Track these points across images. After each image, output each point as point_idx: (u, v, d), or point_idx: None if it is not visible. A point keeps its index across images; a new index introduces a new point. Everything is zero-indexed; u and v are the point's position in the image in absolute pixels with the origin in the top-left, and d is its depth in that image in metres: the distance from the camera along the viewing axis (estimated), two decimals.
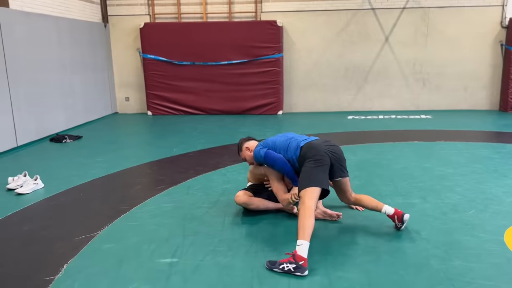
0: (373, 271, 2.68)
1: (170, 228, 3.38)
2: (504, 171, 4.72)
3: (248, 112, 9.20)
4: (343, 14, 9.04)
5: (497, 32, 8.94)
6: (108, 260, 2.89)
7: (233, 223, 3.48)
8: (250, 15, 9.23)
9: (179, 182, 4.55)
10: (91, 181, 4.70)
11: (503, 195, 3.98)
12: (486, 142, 6.32)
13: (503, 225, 3.32)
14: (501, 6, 8.82)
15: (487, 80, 9.19)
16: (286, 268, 2.64)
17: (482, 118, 8.38)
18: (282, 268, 2.65)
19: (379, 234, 3.21)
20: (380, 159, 5.35)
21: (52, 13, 7.25)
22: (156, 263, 2.84)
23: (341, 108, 9.45)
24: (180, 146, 6.25)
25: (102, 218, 3.61)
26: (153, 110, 9.38)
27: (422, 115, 8.76)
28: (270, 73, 9.00)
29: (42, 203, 4.06)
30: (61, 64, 7.49)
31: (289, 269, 2.64)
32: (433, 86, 9.27)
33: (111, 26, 9.37)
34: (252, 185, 3.78)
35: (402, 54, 9.14)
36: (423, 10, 8.93)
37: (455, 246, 3.00)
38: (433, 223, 3.39)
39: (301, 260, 2.65)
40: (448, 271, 2.67)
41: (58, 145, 6.60)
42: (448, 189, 4.19)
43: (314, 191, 2.95)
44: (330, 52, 9.23)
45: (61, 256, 2.95)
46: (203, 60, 9.03)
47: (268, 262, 2.73)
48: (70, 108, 7.79)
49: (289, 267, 2.64)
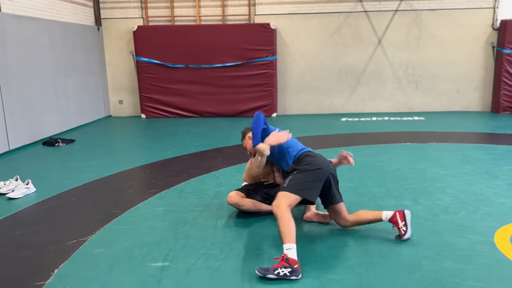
0: (364, 274, 2.69)
1: (162, 232, 3.38)
2: (495, 172, 4.76)
3: (242, 114, 9.20)
4: (336, 17, 9.09)
5: (489, 34, 9.02)
6: (99, 265, 2.88)
7: (226, 226, 3.48)
8: (243, 18, 9.25)
9: (172, 186, 4.54)
10: (83, 185, 4.68)
11: (494, 196, 4.01)
12: (478, 144, 6.37)
13: (493, 226, 3.34)
14: (492, 9, 8.91)
15: (479, 82, 9.27)
16: (282, 273, 2.59)
17: (474, 119, 8.44)
18: (278, 273, 2.59)
19: (370, 236, 3.22)
20: (373, 161, 5.38)
21: (44, 16, 7.23)
22: (147, 267, 2.83)
23: (335, 110, 9.49)
24: (173, 149, 6.24)
25: (94, 222, 3.59)
26: (147, 113, 9.36)
27: (415, 116, 8.81)
28: (264, 75, 9.02)
29: (33, 208, 4.04)
30: (54, 67, 7.47)
31: (285, 274, 2.60)
32: (426, 88, 9.32)
33: (104, 29, 9.35)
34: (247, 185, 3.78)
35: (395, 57, 9.20)
36: (415, 12, 8.99)
37: (446, 248, 3.01)
38: (425, 225, 3.41)
39: (295, 263, 2.64)
40: (439, 273, 2.68)
41: (50, 149, 6.57)
42: (440, 190, 4.22)
43: (297, 199, 2.94)
44: (323, 54, 9.27)
45: (52, 261, 2.94)
46: (197, 62, 9.03)
47: (259, 269, 2.64)
48: (63, 111, 7.76)
49: (285, 271, 2.60)
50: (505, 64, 8.81)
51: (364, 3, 9.01)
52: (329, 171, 3.09)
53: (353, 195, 4.14)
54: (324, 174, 3.05)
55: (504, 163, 5.13)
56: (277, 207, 2.85)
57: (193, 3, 9.23)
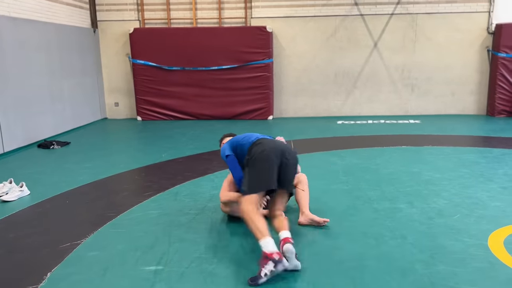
0: (358, 277, 2.69)
1: (156, 235, 3.36)
2: (490, 176, 4.78)
3: (238, 117, 9.20)
4: (332, 20, 9.11)
5: (484, 38, 9.07)
6: (93, 268, 2.87)
7: (220, 229, 3.47)
8: (240, 20, 9.26)
9: (167, 188, 4.53)
10: (78, 187, 4.66)
11: (488, 200, 4.02)
12: (473, 147, 6.39)
13: (487, 229, 3.35)
14: (488, 13, 8.96)
15: (475, 86, 9.31)
16: (268, 273, 2.56)
17: (469, 123, 8.48)
18: (265, 274, 2.56)
19: (364, 240, 3.22)
20: (368, 164, 5.38)
21: (40, 18, 7.21)
22: (141, 271, 2.82)
23: (331, 113, 9.50)
24: (169, 152, 6.23)
25: (88, 225, 3.58)
26: (143, 116, 9.35)
27: (411, 120, 8.83)
28: (260, 78, 9.03)
29: (27, 211, 4.02)
30: (49, 69, 7.45)
31: (271, 271, 2.55)
32: (422, 91, 9.36)
33: (100, 31, 9.34)
34: None
35: (391, 60, 9.23)
36: (411, 16, 9.03)
37: (440, 251, 3.02)
38: (419, 228, 3.41)
39: (272, 255, 2.58)
40: (433, 276, 2.68)
41: (45, 151, 6.54)
42: (435, 193, 4.23)
43: (256, 196, 2.93)
44: (319, 57, 9.29)
45: (45, 264, 2.92)
46: (193, 65, 9.03)
47: (250, 280, 2.59)
48: (59, 114, 7.73)
49: (269, 268, 2.55)
50: (500, 68, 8.86)
51: (360, 6, 9.04)
52: (274, 153, 3.01)
53: (348, 198, 4.14)
54: (269, 157, 2.99)
55: (499, 167, 5.15)
56: (242, 212, 2.91)
57: (190, 5, 9.24)
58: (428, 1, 8.97)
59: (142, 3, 9.22)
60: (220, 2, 9.16)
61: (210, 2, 9.21)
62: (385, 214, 3.71)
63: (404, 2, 9.00)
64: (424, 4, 8.98)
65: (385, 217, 3.63)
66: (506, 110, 9.03)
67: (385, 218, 3.61)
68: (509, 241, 3.14)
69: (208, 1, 9.20)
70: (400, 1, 8.98)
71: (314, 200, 3.84)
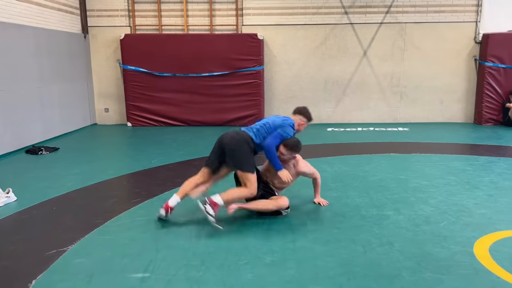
0: (345, 284, 2.70)
1: (143, 242, 3.34)
2: (476, 183, 4.84)
3: (229, 123, 9.20)
4: (322, 29, 9.20)
5: (471, 47, 9.22)
6: (78, 276, 2.84)
7: (208, 236, 3.46)
8: (231, 28, 9.30)
9: (155, 195, 4.51)
10: (66, 193, 4.62)
11: (474, 207, 4.07)
12: (460, 155, 6.47)
13: (472, 236, 3.39)
14: (475, 22, 9.12)
15: (462, 94, 9.44)
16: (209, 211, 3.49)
17: (457, 130, 8.58)
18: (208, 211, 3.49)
19: (352, 247, 3.24)
20: (357, 171, 5.42)
21: (29, 23, 7.17)
22: (127, 278, 2.80)
23: (321, 120, 9.55)
24: (159, 158, 6.21)
25: (74, 232, 3.55)
26: (133, 122, 9.31)
27: (400, 127, 8.92)
28: (251, 85, 9.06)
29: (13, 217, 3.97)
30: (39, 74, 7.40)
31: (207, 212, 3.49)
32: (410, 99, 9.46)
33: (91, 37, 9.31)
34: None
35: (380, 68, 9.33)
36: (400, 25, 9.15)
37: (427, 258, 3.05)
38: (406, 235, 3.44)
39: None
40: (419, 283, 2.71)
41: (34, 157, 6.48)
42: (422, 201, 4.27)
43: None
44: (309, 65, 9.36)
45: (30, 272, 2.89)
46: (184, 71, 9.03)
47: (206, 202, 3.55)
48: (47, 119, 7.67)
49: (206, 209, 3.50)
50: (487, 77, 9.00)
51: (350, 15, 9.15)
52: (218, 141, 3.87)
53: (337, 205, 4.16)
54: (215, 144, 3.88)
55: (485, 174, 5.22)
56: None
57: (181, 12, 9.26)
58: (417, 11, 9.11)
59: (133, 9, 9.23)
60: (212, 10, 9.21)
61: (201, 9, 9.25)
62: (372, 221, 3.74)
63: (393, 12, 9.12)
64: (413, 14, 9.12)
65: (372, 224, 3.66)
66: (493, 119, 9.16)
67: (372, 225, 3.64)
68: (494, 248, 3.18)
69: (199, 8, 9.24)
70: (390, 10, 9.11)
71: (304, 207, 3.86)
